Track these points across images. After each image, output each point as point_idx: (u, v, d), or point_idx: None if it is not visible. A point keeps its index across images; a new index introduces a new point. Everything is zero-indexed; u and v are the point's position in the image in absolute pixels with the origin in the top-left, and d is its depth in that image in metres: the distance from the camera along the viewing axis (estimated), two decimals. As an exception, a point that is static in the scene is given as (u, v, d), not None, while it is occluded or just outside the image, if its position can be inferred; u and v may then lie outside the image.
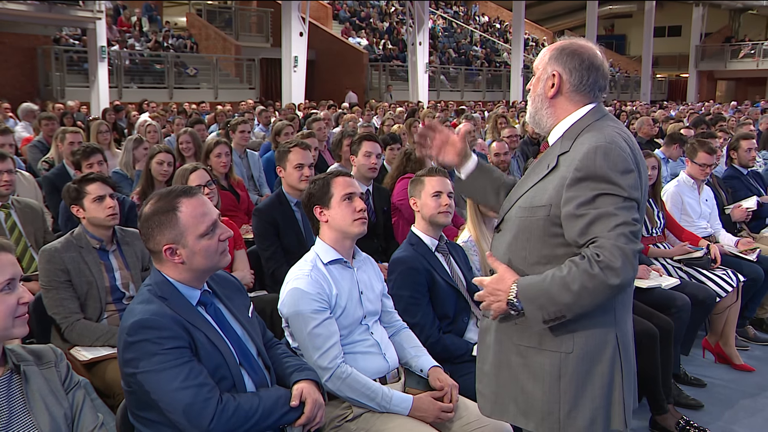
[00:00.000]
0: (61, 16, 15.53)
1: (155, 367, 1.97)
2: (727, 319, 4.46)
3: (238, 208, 5.15)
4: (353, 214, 2.61)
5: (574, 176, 1.91)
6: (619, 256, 1.82)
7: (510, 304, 1.98)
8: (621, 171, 1.89)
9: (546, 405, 2.01)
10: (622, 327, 2.05)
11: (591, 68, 2.03)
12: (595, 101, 2.06)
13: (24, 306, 1.82)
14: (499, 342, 2.11)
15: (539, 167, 2.07)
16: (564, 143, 2.02)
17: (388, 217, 4.61)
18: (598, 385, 1.99)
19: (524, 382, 2.05)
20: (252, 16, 24.48)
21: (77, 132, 6.19)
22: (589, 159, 1.90)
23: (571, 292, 1.86)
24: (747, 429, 3.69)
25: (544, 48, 2.13)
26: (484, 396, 2.20)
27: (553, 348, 2.00)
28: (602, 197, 1.87)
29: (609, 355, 2.00)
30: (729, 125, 9.68)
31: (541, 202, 1.99)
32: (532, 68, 2.14)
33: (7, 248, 1.84)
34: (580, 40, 2.09)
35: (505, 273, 2.01)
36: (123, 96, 17.34)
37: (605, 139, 1.93)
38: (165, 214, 2.09)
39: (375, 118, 12.71)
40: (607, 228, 1.85)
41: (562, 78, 2.03)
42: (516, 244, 2.05)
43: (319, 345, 2.45)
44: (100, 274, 3.20)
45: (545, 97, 2.07)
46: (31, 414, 1.81)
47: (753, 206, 5.33)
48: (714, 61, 33.71)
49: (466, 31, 31.94)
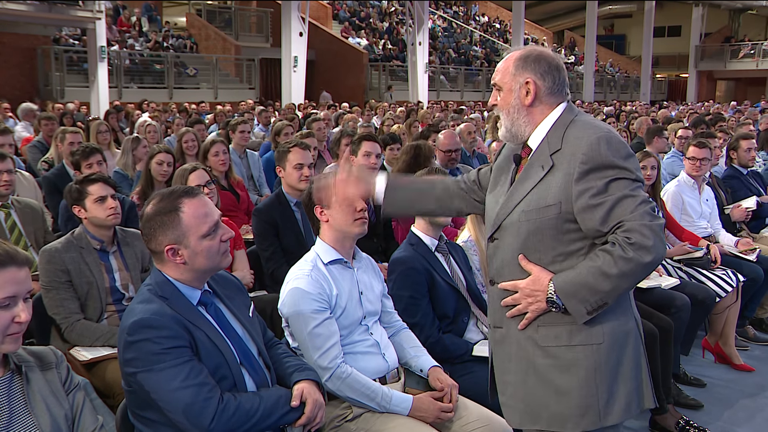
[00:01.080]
0: (60, 16, 15.53)
1: (155, 366, 1.97)
2: (726, 319, 4.46)
3: (238, 208, 5.16)
4: (354, 214, 2.61)
5: (581, 169, 1.95)
6: (650, 234, 1.88)
7: (550, 302, 2.00)
8: (624, 156, 1.96)
9: (584, 400, 2.02)
10: (635, 312, 2.13)
11: (558, 68, 2.09)
12: (565, 100, 2.11)
13: (18, 325, 1.75)
14: (522, 349, 2.09)
15: (532, 171, 2.07)
16: (552, 143, 2.04)
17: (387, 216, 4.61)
18: (627, 370, 2.04)
19: (557, 382, 2.04)
20: (252, 16, 24.49)
21: (77, 132, 6.20)
22: (593, 150, 1.94)
23: (609, 279, 1.92)
24: (747, 429, 3.69)
25: (502, 61, 2.14)
26: (510, 407, 2.17)
27: (584, 342, 2.02)
28: (614, 182, 1.93)
29: (633, 339, 2.07)
30: (729, 125, 9.68)
31: (547, 201, 2.00)
32: (495, 84, 2.15)
33: (17, 262, 1.76)
34: (531, 46, 2.14)
35: (540, 273, 2.02)
36: (123, 96, 17.34)
37: (601, 129, 1.99)
38: (167, 215, 2.09)
39: (375, 118, 12.72)
40: (629, 210, 1.91)
41: (536, 84, 2.06)
42: (527, 247, 2.05)
43: (319, 345, 2.45)
44: (100, 274, 3.20)
45: (522, 106, 2.09)
46: (32, 415, 1.81)
47: (753, 206, 5.34)
48: (714, 61, 33.72)
49: (465, 31, 31.95)
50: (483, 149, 7.74)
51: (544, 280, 2.01)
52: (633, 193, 1.92)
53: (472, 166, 6.17)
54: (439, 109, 14.67)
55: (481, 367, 2.76)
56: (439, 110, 14.27)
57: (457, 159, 5.50)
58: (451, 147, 5.39)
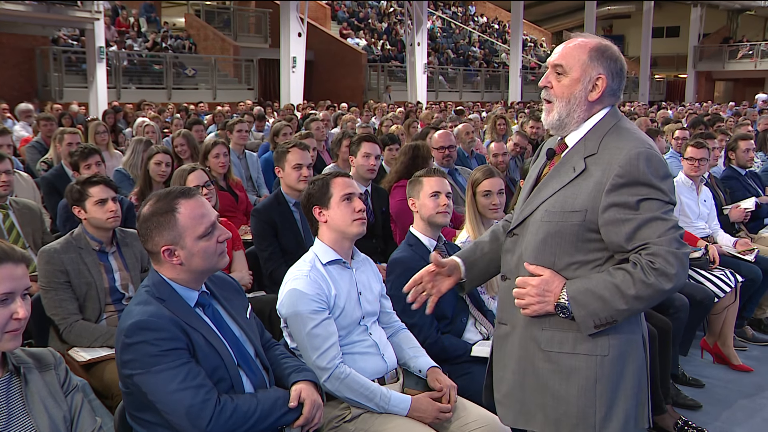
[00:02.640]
0: (59, 17, 15.50)
1: (153, 368, 1.97)
2: (725, 319, 4.46)
3: (237, 208, 5.15)
4: (352, 214, 2.61)
5: (615, 182, 1.88)
6: (675, 262, 1.84)
7: (560, 307, 1.96)
8: (662, 176, 1.89)
9: (581, 410, 1.99)
10: (644, 324, 2.09)
11: (624, 72, 2.03)
12: (615, 103, 2.05)
13: (17, 321, 1.76)
14: (524, 348, 2.07)
15: (563, 170, 2.01)
16: (588, 145, 1.98)
17: (386, 217, 4.61)
18: (629, 386, 2.00)
19: (555, 388, 2.01)
20: (250, 17, 24.46)
21: (75, 133, 6.19)
22: (632, 165, 1.87)
23: (625, 299, 1.87)
24: (745, 429, 3.69)
25: (570, 44, 2.01)
26: (504, 405, 2.16)
27: (588, 352, 1.98)
28: (646, 202, 1.87)
29: (638, 355, 2.03)
30: (727, 126, 9.69)
31: (573, 207, 1.94)
32: (557, 65, 2.02)
33: (14, 259, 1.77)
34: (605, 40, 2.04)
35: (553, 276, 1.98)
36: (121, 96, 17.32)
37: (644, 144, 1.92)
38: (163, 215, 2.09)
39: (373, 119, 12.71)
40: (658, 233, 1.85)
41: (607, 82, 1.99)
42: (544, 248, 2.00)
43: (318, 345, 2.45)
44: (99, 275, 3.20)
45: (585, 99, 2.00)
46: (30, 416, 1.80)
47: (751, 207, 5.34)
48: (712, 62, 33.74)
49: (464, 32, 31.95)
50: (482, 150, 7.73)
51: (558, 282, 1.97)
52: (664, 216, 1.86)
53: (470, 167, 6.16)
54: (438, 110, 14.66)
55: (479, 368, 2.75)
56: (439, 111, 14.26)
57: (453, 157, 5.48)
58: (444, 144, 5.36)
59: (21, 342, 1.82)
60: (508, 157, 6.01)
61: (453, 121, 10.67)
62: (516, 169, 6.36)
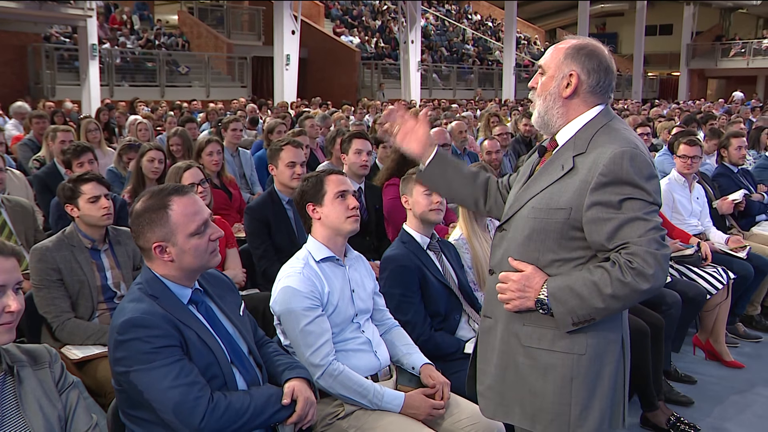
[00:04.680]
0: (51, 14, 15.43)
1: (146, 365, 1.96)
2: (717, 316, 4.48)
3: (230, 206, 5.15)
4: (346, 211, 2.61)
5: (599, 180, 1.89)
6: (653, 262, 1.84)
7: (540, 303, 1.97)
8: (647, 176, 1.89)
9: (556, 407, 2.00)
10: (625, 325, 2.09)
11: (608, 70, 2.02)
12: (605, 102, 2.06)
13: (10, 315, 1.76)
14: (506, 343, 2.09)
15: (552, 167, 2.03)
16: (578, 144, 1.99)
17: (379, 215, 4.61)
18: (606, 386, 2.00)
19: (533, 383, 2.03)
20: (244, 14, 24.39)
21: (68, 130, 6.17)
22: (615, 164, 1.88)
23: (602, 298, 1.88)
24: (737, 425, 3.71)
25: (555, 47, 2.07)
26: (486, 397, 2.18)
27: (565, 349, 1.99)
28: (629, 201, 1.87)
29: (617, 355, 2.03)
30: (719, 124, 9.72)
31: (559, 204, 1.96)
32: (540, 66, 2.09)
33: (4, 252, 1.78)
34: (592, 41, 2.05)
35: (534, 272, 2.00)
36: (114, 94, 17.27)
37: (629, 143, 1.92)
38: (156, 212, 2.08)
39: (367, 116, 12.70)
40: (638, 233, 1.85)
41: (579, 78, 2.00)
42: (529, 245, 2.02)
43: (311, 342, 2.45)
44: (91, 273, 3.19)
45: (559, 96, 2.03)
46: (24, 416, 1.79)
47: (739, 198, 5.37)
48: (705, 60, 33.82)
49: (458, 30, 31.94)
50: (475, 148, 7.73)
51: (538, 278, 1.99)
52: (646, 217, 1.87)
53: (464, 164, 6.17)
54: (431, 108, 14.65)
55: (472, 365, 2.76)
56: (431, 108, 14.25)
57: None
58: (440, 142, 5.38)
59: (15, 336, 1.81)
60: (501, 155, 6.03)
61: (448, 118, 10.67)
62: (509, 166, 6.38)
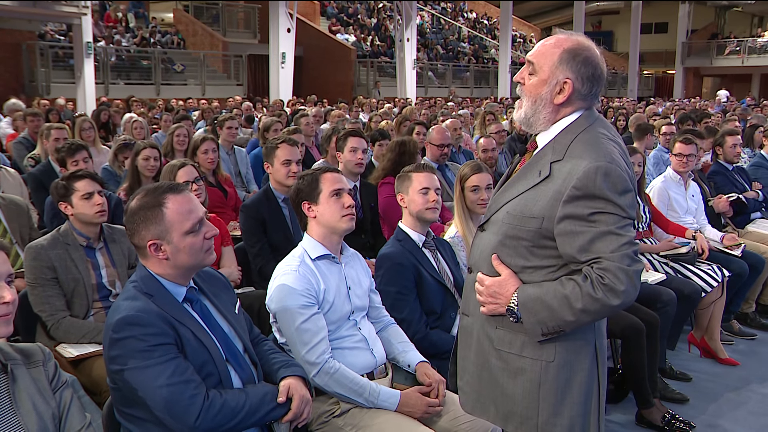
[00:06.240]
0: (46, 12, 15.36)
1: (141, 364, 1.96)
2: (712, 313, 4.50)
3: (226, 204, 5.14)
4: (342, 210, 2.61)
5: (572, 194, 1.86)
6: (624, 278, 1.81)
7: (510, 311, 1.97)
8: (620, 191, 1.86)
9: (525, 410, 2.01)
10: (600, 334, 2.07)
11: (600, 78, 1.96)
12: (591, 106, 2.01)
13: (5, 306, 1.75)
14: (480, 343, 2.10)
15: (530, 172, 1.99)
16: (556, 149, 1.95)
17: (375, 213, 4.61)
18: (576, 394, 1.99)
19: (504, 385, 2.05)
20: (239, 12, 24.34)
21: (62, 128, 6.15)
22: (589, 179, 1.84)
23: (572, 311, 1.87)
24: (731, 422, 3.72)
25: (547, 42, 1.98)
26: (465, 393, 2.20)
27: (534, 356, 1.99)
28: (602, 215, 1.84)
29: (588, 364, 2.01)
30: (714, 122, 9.73)
31: (532, 213, 1.93)
32: (530, 62, 1.98)
33: None
34: (585, 41, 1.98)
35: (508, 278, 1.99)
36: (109, 92, 17.22)
37: (605, 157, 1.87)
38: (151, 210, 2.08)
39: (362, 114, 12.69)
40: (611, 248, 1.83)
41: (574, 86, 1.94)
42: (501, 249, 2.02)
43: (307, 340, 2.45)
44: (86, 271, 3.18)
45: (550, 101, 1.96)
46: (18, 414, 1.78)
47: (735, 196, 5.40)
48: (700, 58, 33.93)
49: (454, 28, 31.96)
50: (470, 146, 7.73)
51: (510, 286, 1.98)
52: (619, 231, 1.84)
53: (459, 162, 6.17)
54: (426, 106, 14.65)
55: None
56: (427, 107, 14.25)
57: (448, 154, 5.53)
58: (443, 142, 5.42)
59: (12, 329, 1.80)
60: (497, 152, 6.04)
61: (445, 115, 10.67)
62: (505, 164, 6.39)
